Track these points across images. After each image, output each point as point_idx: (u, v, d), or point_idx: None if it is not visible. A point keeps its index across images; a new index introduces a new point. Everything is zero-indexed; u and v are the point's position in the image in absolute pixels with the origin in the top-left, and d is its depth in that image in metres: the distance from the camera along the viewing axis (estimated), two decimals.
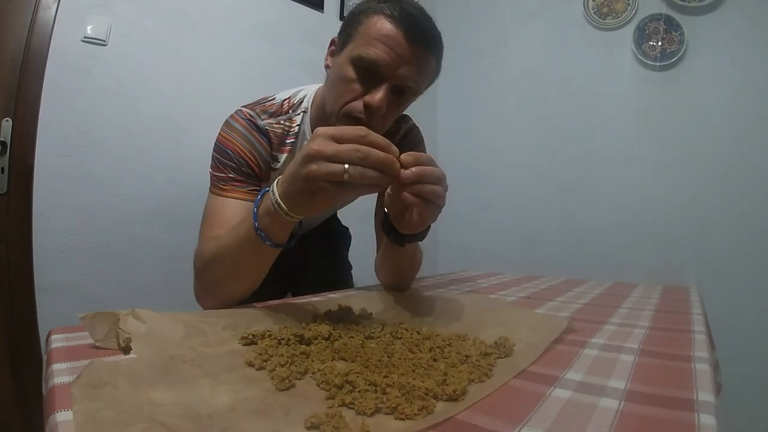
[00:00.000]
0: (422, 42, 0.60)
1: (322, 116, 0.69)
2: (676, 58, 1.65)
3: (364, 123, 0.62)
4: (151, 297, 1.33)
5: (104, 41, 1.26)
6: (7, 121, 1.11)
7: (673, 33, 1.66)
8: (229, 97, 0.87)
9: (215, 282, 0.58)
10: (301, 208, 0.48)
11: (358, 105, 0.61)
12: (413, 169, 0.47)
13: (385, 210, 0.60)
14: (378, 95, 0.60)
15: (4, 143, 1.11)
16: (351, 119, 0.62)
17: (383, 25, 0.59)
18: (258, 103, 0.73)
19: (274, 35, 1.67)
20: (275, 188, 0.49)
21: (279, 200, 0.48)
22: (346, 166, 0.42)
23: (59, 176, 1.19)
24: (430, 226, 0.60)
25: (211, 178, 0.69)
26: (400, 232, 0.60)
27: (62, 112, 1.19)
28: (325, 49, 0.70)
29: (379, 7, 0.60)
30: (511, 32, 2.12)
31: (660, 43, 1.69)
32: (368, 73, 0.60)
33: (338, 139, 0.44)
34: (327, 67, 0.69)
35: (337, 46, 0.66)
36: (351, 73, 0.61)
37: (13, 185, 1.12)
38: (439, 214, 0.53)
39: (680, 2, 1.63)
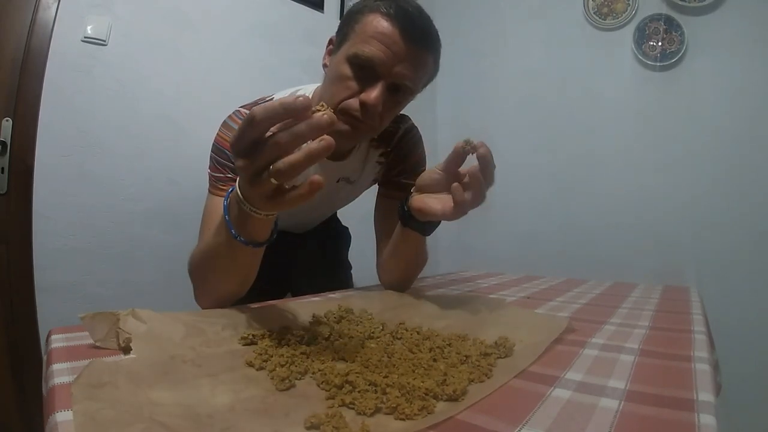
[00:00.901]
0: (419, 40, 0.60)
1: None
2: (676, 59, 1.65)
3: (360, 121, 0.62)
4: (151, 297, 1.33)
5: (104, 41, 1.26)
6: (7, 121, 1.11)
7: (673, 33, 1.66)
8: (229, 97, 0.87)
9: (206, 283, 0.58)
10: (267, 208, 0.44)
11: (354, 103, 0.61)
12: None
13: (411, 192, 0.63)
14: (373, 93, 0.59)
15: (4, 143, 1.11)
16: (347, 117, 0.62)
17: (379, 23, 0.59)
18: (255, 103, 0.73)
19: (274, 35, 1.67)
20: (238, 190, 0.45)
21: (245, 202, 0.44)
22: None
23: (59, 176, 1.19)
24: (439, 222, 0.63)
25: (209, 179, 0.69)
26: (417, 219, 0.62)
27: (62, 112, 1.19)
28: (325, 49, 0.70)
29: (376, 5, 0.60)
30: (511, 32, 2.11)
31: (660, 44, 1.69)
32: (364, 71, 0.60)
33: (242, 140, 0.39)
34: (325, 65, 0.69)
35: (335, 45, 0.66)
36: (347, 71, 0.61)
37: (13, 185, 1.12)
38: (480, 202, 0.58)
39: (680, 2, 1.63)
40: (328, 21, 1.84)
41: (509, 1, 2.12)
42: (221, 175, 0.67)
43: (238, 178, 0.46)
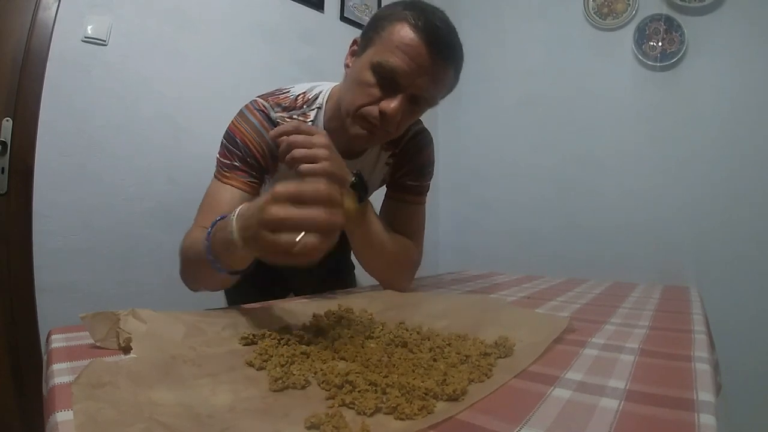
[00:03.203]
0: (443, 54, 0.61)
1: (336, 115, 0.70)
2: (676, 59, 1.65)
3: (378, 127, 0.63)
4: (151, 297, 1.33)
5: (104, 41, 1.26)
6: (7, 121, 1.11)
7: (674, 33, 1.66)
8: (228, 97, 0.87)
9: (190, 275, 0.63)
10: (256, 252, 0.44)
11: (373, 110, 0.62)
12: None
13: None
14: (393, 104, 0.60)
15: (4, 143, 1.11)
16: (365, 122, 0.64)
17: (406, 33, 0.59)
18: (272, 94, 0.74)
19: (274, 35, 1.67)
20: (234, 225, 0.45)
21: (237, 237, 0.44)
22: (298, 238, 0.39)
23: (59, 176, 1.19)
24: (359, 183, 0.65)
25: (216, 164, 0.71)
26: None
27: (62, 112, 1.19)
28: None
29: (404, 14, 0.60)
30: (511, 32, 2.12)
31: (660, 44, 1.69)
32: (386, 80, 0.61)
33: (299, 200, 0.40)
34: (346, 66, 0.69)
35: (359, 47, 0.67)
36: (370, 77, 0.61)
37: (13, 185, 1.12)
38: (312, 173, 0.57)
39: (681, 3, 1.63)
40: (328, 21, 1.84)
41: (509, 1, 2.12)
42: (228, 161, 0.69)
43: (238, 209, 0.45)
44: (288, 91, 0.75)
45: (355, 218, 0.68)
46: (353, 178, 0.65)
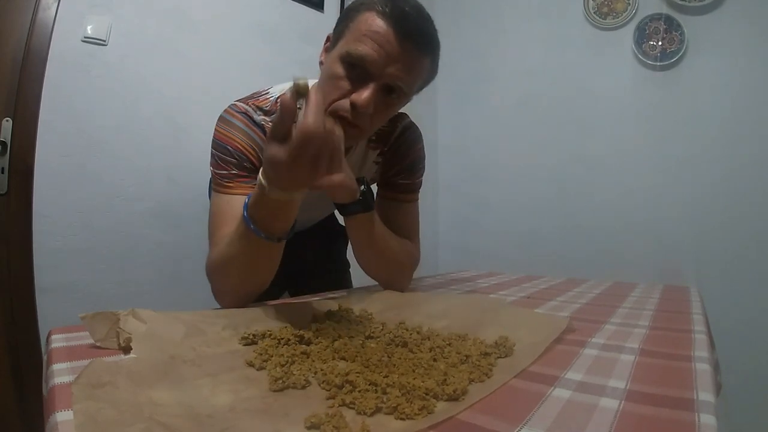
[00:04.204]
0: (414, 41, 0.58)
1: None
2: (676, 58, 1.65)
3: (350, 122, 0.60)
4: (151, 297, 1.33)
5: (104, 41, 1.26)
6: (7, 121, 1.11)
7: (674, 33, 1.66)
8: (228, 97, 0.86)
9: (228, 283, 0.59)
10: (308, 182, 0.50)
11: (344, 104, 0.59)
12: None
13: None
14: (364, 94, 0.57)
15: (4, 143, 1.11)
16: (337, 118, 0.59)
17: (374, 21, 0.57)
18: (251, 97, 0.72)
19: (274, 35, 1.67)
20: (265, 182, 0.50)
21: (277, 189, 0.49)
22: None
23: (59, 176, 1.19)
24: (368, 191, 0.64)
25: (213, 177, 0.68)
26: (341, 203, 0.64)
27: (62, 112, 1.19)
28: (323, 46, 0.69)
29: (372, 2, 0.58)
30: (511, 32, 2.12)
31: (660, 43, 1.69)
32: (356, 71, 0.58)
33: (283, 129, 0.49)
34: (321, 63, 0.67)
35: (331, 42, 0.65)
36: (339, 70, 0.59)
37: (13, 185, 1.12)
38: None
39: (681, 2, 1.63)
40: (328, 21, 1.84)
41: (509, 0, 2.12)
42: (225, 171, 0.66)
43: (261, 173, 0.50)
44: (266, 93, 0.72)
45: (362, 225, 0.68)
46: (362, 187, 0.63)
